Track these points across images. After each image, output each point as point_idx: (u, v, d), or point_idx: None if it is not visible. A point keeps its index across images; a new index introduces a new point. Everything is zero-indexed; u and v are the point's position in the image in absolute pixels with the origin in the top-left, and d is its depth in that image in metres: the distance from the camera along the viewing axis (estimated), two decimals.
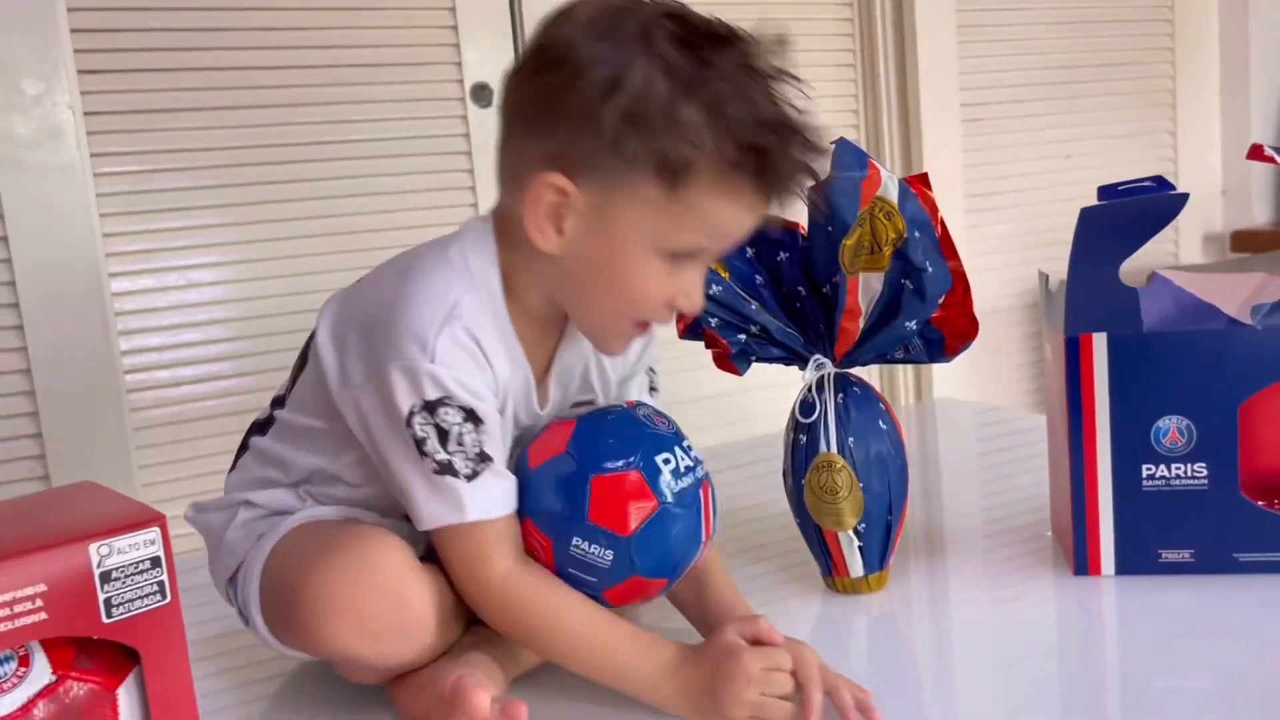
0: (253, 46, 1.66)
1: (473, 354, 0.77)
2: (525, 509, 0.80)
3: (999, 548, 1.07)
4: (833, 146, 0.87)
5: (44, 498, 0.67)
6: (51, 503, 0.66)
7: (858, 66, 2.22)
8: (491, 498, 0.77)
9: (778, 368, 1.01)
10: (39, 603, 0.56)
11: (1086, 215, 0.88)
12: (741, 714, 0.74)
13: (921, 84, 2.20)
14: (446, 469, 0.75)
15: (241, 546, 0.83)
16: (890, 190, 0.88)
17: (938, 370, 2.27)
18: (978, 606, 0.96)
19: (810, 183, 0.79)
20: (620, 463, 0.78)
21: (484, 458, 0.76)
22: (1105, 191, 0.89)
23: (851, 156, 0.87)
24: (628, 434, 0.81)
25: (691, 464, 0.82)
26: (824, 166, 0.80)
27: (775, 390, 1.96)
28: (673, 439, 0.82)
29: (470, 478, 0.76)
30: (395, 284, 0.78)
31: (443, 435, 0.76)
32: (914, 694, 0.83)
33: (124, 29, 1.59)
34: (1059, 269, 0.93)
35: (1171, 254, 2.61)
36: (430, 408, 0.75)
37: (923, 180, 0.93)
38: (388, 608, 0.74)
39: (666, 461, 0.80)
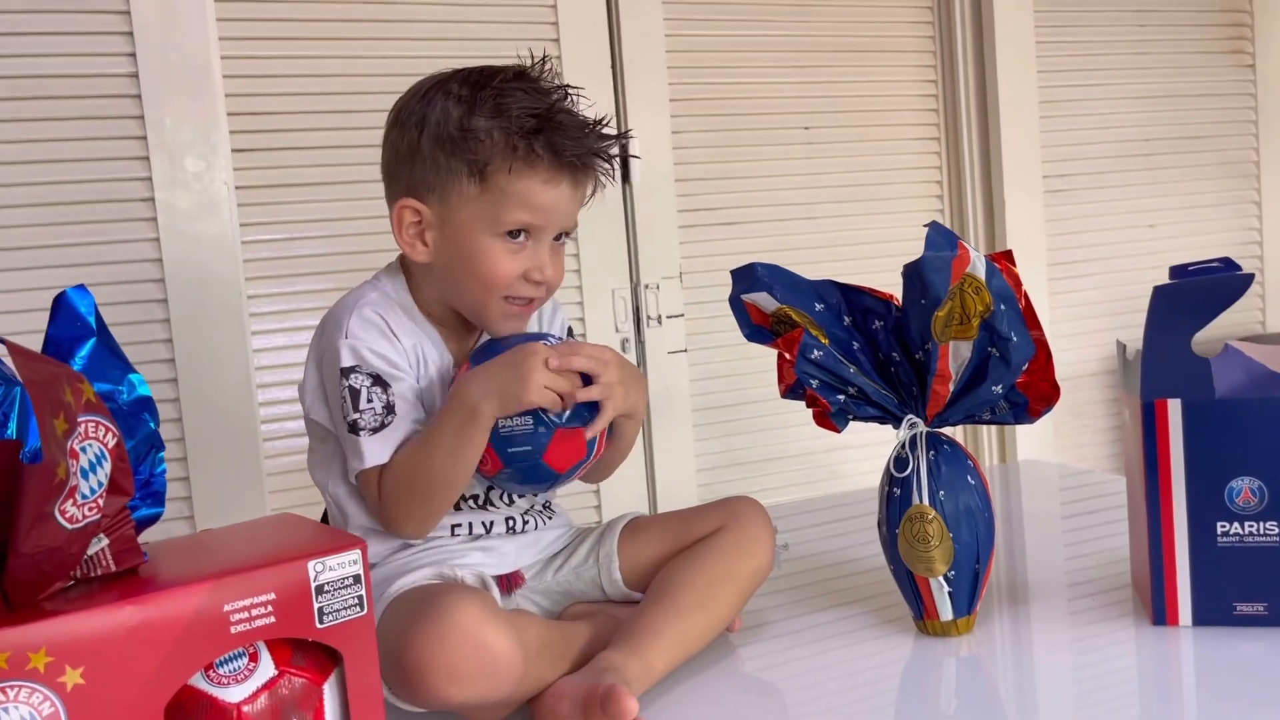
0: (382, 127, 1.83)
1: (379, 327, 0.98)
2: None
3: (1081, 598, 1.13)
4: (926, 230, 0.98)
5: (258, 524, 0.80)
6: (267, 528, 0.79)
7: (942, 140, 2.32)
8: (389, 446, 0.95)
9: (871, 429, 1.10)
10: (270, 608, 0.68)
11: (1160, 292, 0.96)
12: (539, 386, 0.92)
13: (1005, 156, 2.29)
14: (353, 427, 0.95)
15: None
16: (978, 268, 0.97)
17: (1021, 433, 2.33)
18: (1060, 650, 1.03)
19: (595, 155, 0.98)
20: None
21: (390, 410, 0.95)
22: (1177, 271, 0.98)
23: (943, 238, 0.97)
24: None
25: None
26: (602, 145, 0.99)
27: (867, 449, 2.05)
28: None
29: (375, 430, 0.95)
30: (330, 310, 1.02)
31: (355, 396, 0.96)
32: None
33: (272, 112, 1.77)
34: (1140, 337, 1.01)
35: (1258, 321, 2.63)
36: (345, 373, 0.96)
37: (1008, 257, 1.03)
38: (470, 655, 0.83)
39: None
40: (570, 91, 0.99)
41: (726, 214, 2.14)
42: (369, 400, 0.95)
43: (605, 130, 0.99)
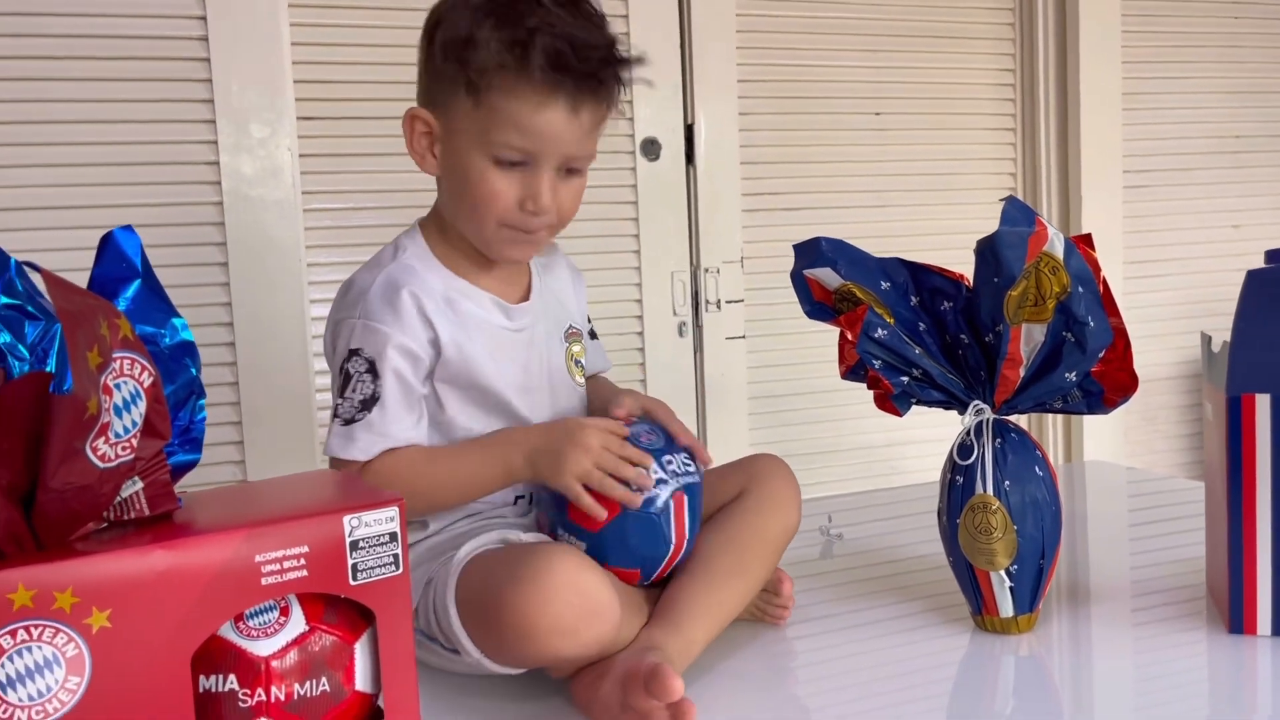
0: None
1: (395, 305, 0.92)
2: (538, 508, 0.98)
3: (1151, 603, 1.08)
4: (1002, 204, 0.93)
5: (298, 478, 0.78)
6: (306, 482, 0.77)
7: (1018, 130, 2.25)
8: (349, 441, 0.92)
9: (935, 424, 1.06)
10: (303, 561, 0.66)
11: (1253, 277, 0.90)
12: (574, 473, 0.89)
13: (1083, 150, 2.21)
14: (334, 411, 0.93)
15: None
16: (1056, 246, 0.92)
17: (1089, 433, 2.25)
18: (1128, 655, 0.98)
19: (594, 75, 0.91)
20: None
21: (366, 405, 0.92)
22: (1274, 255, 0.92)
23: (1020, 213, 0.92)
24: None
25: (666, 477, 0.93)
26: (607, 66, 0.93)
27: (929, 445, 2.00)
28: (654, 453, 0.93)
29: (347, 422, 0.92)
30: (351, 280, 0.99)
31: (345, 381, 0.93)
32: None
33: (338, 81, 1.77)
34: (1221, 336, 0.96)
35: None
36: (348, 355, 0.93)
37: (1087, 240, 0.97)
38: (575, 605, 0.82)
39: None
40: (595, 13, 0.93)
41: (791, 199, 2.09)
42: (353, 390, 0.92)
43: (616, 52, 0.93)
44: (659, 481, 0.92)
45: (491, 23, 0.90)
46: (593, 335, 1.15)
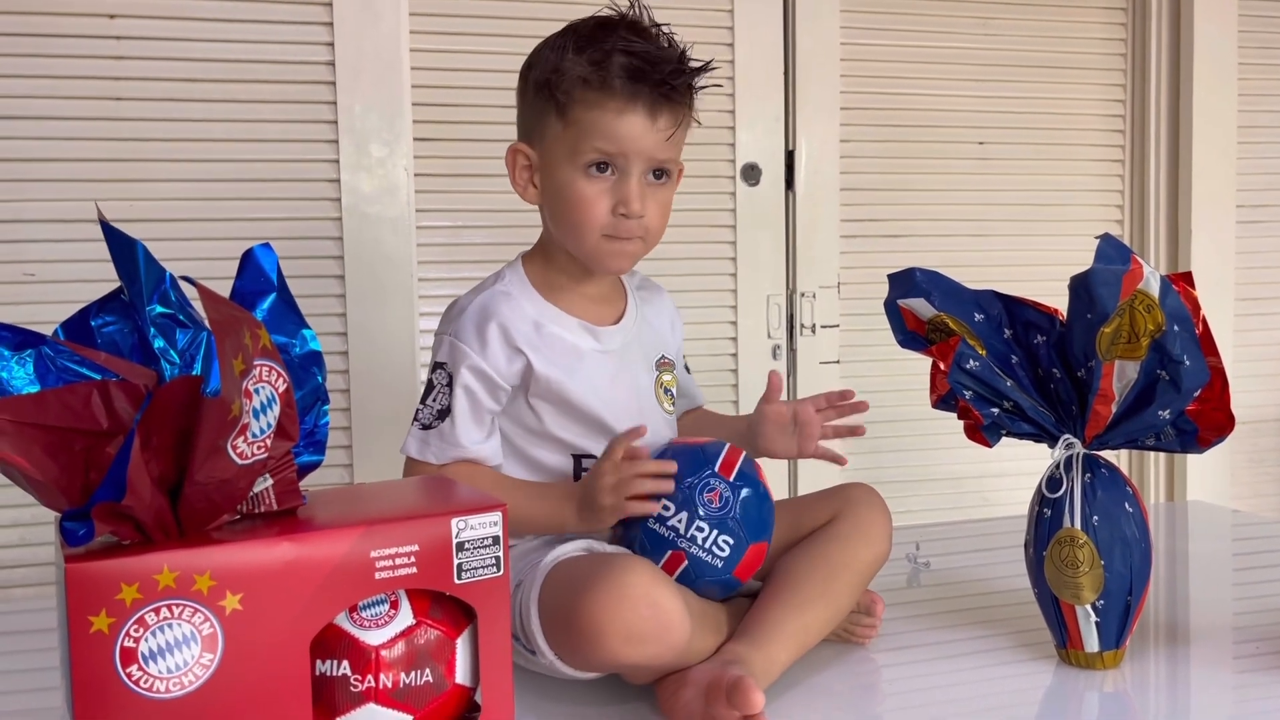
0: None
1: (483, 338, 1.00)
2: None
3: (1246, 654, 1.06)
4: (1097, 241, 0.94)
5: (408, 482, 0.84)
6: (416, 486, 0.83)
7: (1126, 161, 2.22)
8: (425, 445, 1.01)
9: (1029, 457, 1.06)
10: (412, 559, 0.71)
11: None
12: (605, 499, 0.94)
13: (1195, 183, 2.16)
14: (415, 416, 1.03)
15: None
16: (1152, 285, 0.93)
17: (1193, 473, 2.19)
18: (1216, 699, 0.97)
19: (667, 83, 0.99)
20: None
21: (442, 415, 1.01)
22: None
23: (1115, 251, 0.93)
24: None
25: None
26: (679, 74, 1.00)
27: (1022, 478, 1.97)
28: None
29: (425, 427, 1.01)
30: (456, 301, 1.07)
31: (428, 390, 1.02)
32: None
33: (454, 104, 1.85)
34: None
35: None
36: (434, 366, 1.03)
37: (1186, 279, 0.97)
38: (646, 616, 0.85)
39: None
40: (663, 30, 1.02)
41: (891, 226, 2.10)
42: (434, 400, 1.02)
43: (688, 63, 1.01)
44: None
45: (573, 49, 0.99)
46: (687, 370, 1.21)
